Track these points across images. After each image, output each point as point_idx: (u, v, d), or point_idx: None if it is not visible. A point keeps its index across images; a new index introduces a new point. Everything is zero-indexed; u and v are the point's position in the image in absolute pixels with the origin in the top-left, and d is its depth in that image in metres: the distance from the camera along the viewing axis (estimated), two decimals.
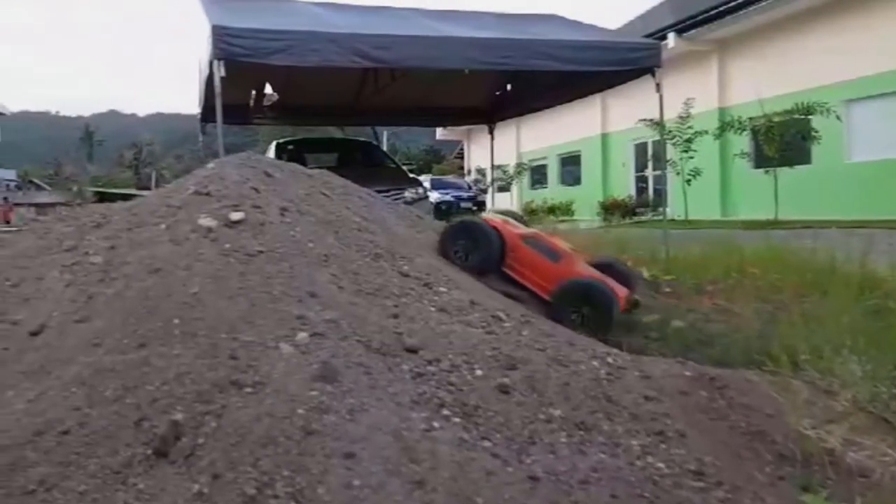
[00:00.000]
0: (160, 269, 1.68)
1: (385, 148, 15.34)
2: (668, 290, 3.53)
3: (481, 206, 16.91)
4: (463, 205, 16.32)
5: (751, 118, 12.19)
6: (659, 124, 9.26)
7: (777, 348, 2.10)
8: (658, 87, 8.58)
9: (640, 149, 16.71)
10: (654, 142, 14.79)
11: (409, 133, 35.92)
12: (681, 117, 11.78)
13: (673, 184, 11.45)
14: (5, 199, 37.12)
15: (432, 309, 1.92)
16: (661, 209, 13.09)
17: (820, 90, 11.00)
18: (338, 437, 1.26)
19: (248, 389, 1.37)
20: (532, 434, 1.42)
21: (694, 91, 12.53)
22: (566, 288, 2.97)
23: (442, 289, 2.13)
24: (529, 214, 16.39)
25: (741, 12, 13.04)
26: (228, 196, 2.09)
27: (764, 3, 12.32)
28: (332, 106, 10.55)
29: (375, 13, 9.99)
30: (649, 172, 16.34)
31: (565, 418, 1.50)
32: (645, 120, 11.18)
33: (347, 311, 1.74)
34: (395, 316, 1.81)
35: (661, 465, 1.38)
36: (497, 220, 3.53)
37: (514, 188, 20.26)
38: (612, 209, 15.03)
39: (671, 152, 11.13)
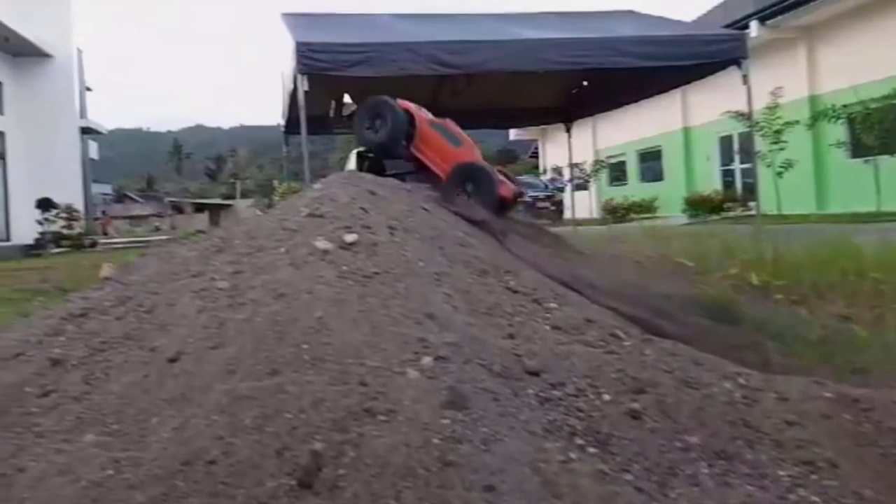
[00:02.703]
0: (284, 294, 1.72)
1: None
2: (779, 296, 3.36)
3: (559, 205, 16.73)
4: (540, 204, 16.20)
5: (845, 106, 11.56)
6: (746, 116, 8.90)
7: None
8: (745, 78, 8.25)
9: (725, 142, 16.13)
10: (740, 134, 14.24)
11: (481, 134, 35.92)
12: (769, 108, 11.28)
13: (763, 177, 11.02)
14: (103, 212, 39.54)
15: (547, 327, 1.89)
16: (750, 204, 12.58)
17: None
18: (475, 469, 1.24)
19: (382, 417, 1.37)
20: (672, 464, 1.37)
21: (780, 80, 11.99)
22: (456, 169, 3.47)
23: (552, 304, 2.09)
24: (610, 213, 16.09)
25: None
26: (340, 217, 2.12)
27: None
28: None
29: (449, 20, 10.06)
30: (736, 166, 15.74)
31: (703, 446, 1.44)
32: (730, 112, 10.77)
33: (465, 332, 1.73)
34: (512, 336, 1.79)
35: (815, 498, 1.30)
36: (411, 105, 3.96)
37: (592, 186, 19.91)
38: (698, 205, 14.54)
39: (759, 144, 10.67)
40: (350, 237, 1.99)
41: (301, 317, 1.67)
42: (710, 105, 14.08)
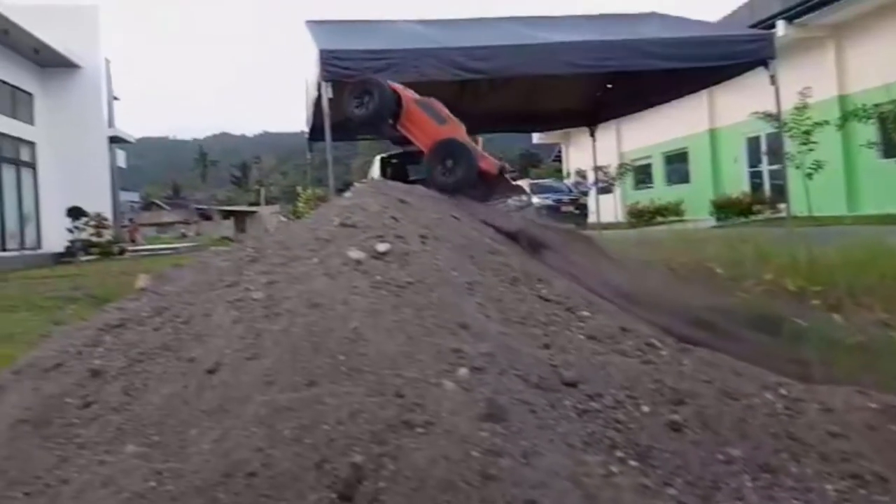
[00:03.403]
0: (319, 305, 1.73)
1: None
2: (816, 302, 3.29)
3: (583, 208, 16.63)
4: (564, 208, 16.11)
5: (876, 105, 11.36)
6: (774, 116, 8.78)
7: None
8: (773, 79, 8.14)
9: (753, 143, 15.93)
10: (767, 135, 14.04)
11: (503, 138, 35.92)
12: (797, 108, 11.12)
13: (792, 178, 10.84)
14: (131, 220, 40.23)
15: (582, 337, 1.87)
16: (779, 206, 12.39)
17: None
18: (516, 483, 1.23)
19: (420, 429, 1.37)
20: (715, 478, 1.34)
21: (809, 79, 11.82)
22: (435, 145, 3.62)
23: (585, 313, 2.07)
24: (636, 216, 15.95)
25: None
26: (372, 227, 2.13)
27: None
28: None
29: (471, 25, 10.07)
30: (764, 167, 15.52)
31: (746, 459, 1.41)
32: (758, 113, 10.64)
33: (500, 342, 1.72)
34: (547, 346, 1.77)
35: None
36: (398, 85, 4.07)
37: (617, 189, 19.78)
38: (725, 208, 14.36)
39: (788, 145, 10.52)
40: (382, 247, 1.99)
41: (336, 327, 1.67)
42: (736, 106, 13.92)
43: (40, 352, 1.95)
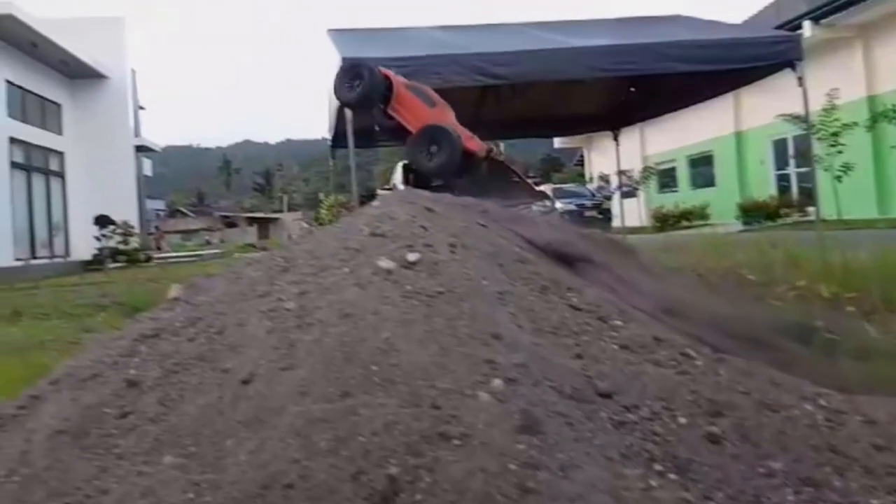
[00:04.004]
0: (351, 315, 1.73)
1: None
2: (851, 309, 3.23)
3: (606, 213, 16.51)
4: (587, 213, 16.02)
5: None
6: (801, 118, 8.66)
7: None
8: (800, 81, 8.02)
9: (780, 145, 15.72)
10: (794, 137, 13.85)
11: (525, 142, 35.88)
12: (825, 109, 10.96)
13: (820, 181, 10.68)
14: (157, 227, 40.79)
15: (615, 347, 1.85)
16: (808, 209, 12.20)
17: None
18: (554, 497, 1.22)
19: (456, 442, 1.36)
20: (756, 492, 1.32)
21: (836, 81, 11.66)
22: (420, 130, 3.79)
23: (617, 322, 2.05)
24: (660, 220, 15.78)
25: None
26: (401, 236, 2.13)
27: None
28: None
29: (492, 30, 10.08)
30: (791, 170, 15.30)
31: (788, 473, 1.38)
32: (785, 115, 10.51)
33: (533, 353, 1.71)
34: (580, 356, 1.76)
35: None
36: (389, 71, 4.27)
37: (641, 193, 19.63)
38: (752, 211, 14.17)
39: (816, 147, 10.36)
40: (412, 256, 2.00)
41: (368, 338, 1.67)
42: (762, 108, 13.76)
43: (77, 362, 1.98)
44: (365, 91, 4.04)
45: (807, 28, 13.35)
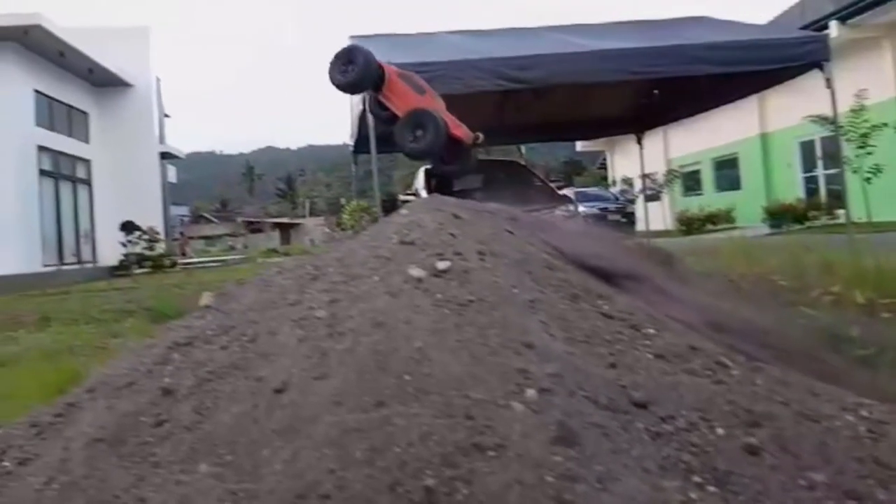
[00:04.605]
0: (383, 324, 1.73)
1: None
2: (886, 315, 3.16)
3: (630, 217, 16.38)
4: (610, 217, 15.90)
5: None
6: (829, 120, 8.52)
7: None
8: (828, 82, 7.91)
9: (807, 147, 15.48)
10: (822, 139, 13.64)
11: (546, 145, 35.76)
12: (853, 110, 10.78)
13: (849, 183, 10.51)
14: (181, 233, 41.31)
15: (649, 356, 1.83)
16: (836, 212, 12.00)
17: None
18: None
19: (491, 453, 1.35)
20: None
21: (864, 81, 11.47)
22: (406, 115, 3.96)
23: (651, 330, 2.03)
24: (685, 224, 15.61)
25: None
26: (431, 244, 2.13)
27: None
28: (475, 127, 10.70)
29: (512, 34, 10.06)
30: (819, 172, 15.06)
31: (830, 485, 1.36)
32: (812, 116, 10.35)
33: (566, 362, 1.69)
34: (614, 366, 1.74)
35: None
36: (382, 61, 4.39)
37: (665, 197, 19.45)
38: (779, 214, 13.95)
39: (845, 149, 10.19)
40: (442, 264, 1.99)
41: (401, 347, 1.67)
42: (788, 109, 13.58)
43: (111, 370, 2.00)
44: (357, 76, 4.34)
45: (833, 28, 13.16)
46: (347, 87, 4.33)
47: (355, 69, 4.20)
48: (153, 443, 1.60)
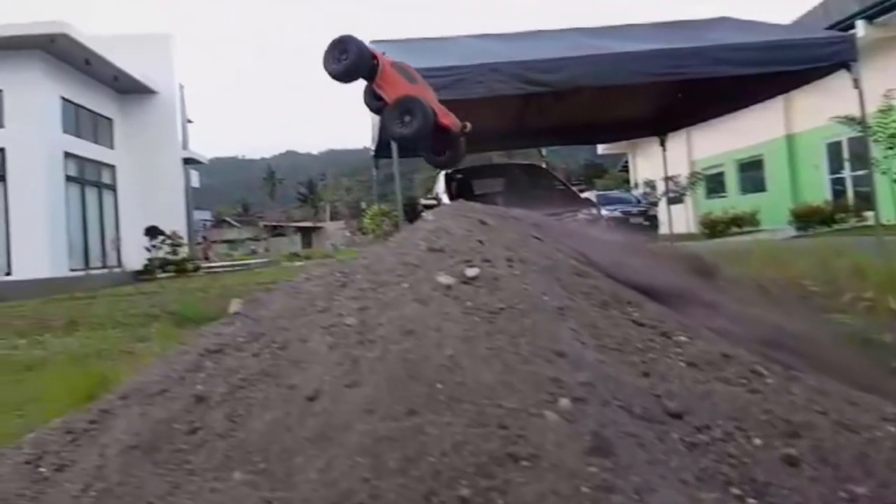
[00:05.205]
0: (413, 331, 1.73)
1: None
2: None
3: (653, 220, 16.23)
4: (633, 220, 15.78)
5: None
6: (857, 120, 8.38)
7: None
8: (856, 82, 7.78)
9: (834, 148, 15.24)
10: (849, 140, 13.42)
11: (567, 148, 35.62)
12: (881, 111, 10.61)
13: (878, 185, 10.31)
14: (204, 237, 41.75)
15: (682, 364, 1.80)
16: (864, 214, 11.80)
17: None
18: None
19: (525, 463, 1.35)
20: None
21: (893, 81, 11.26)
22: (395, 101, 4.15)
23: (682, 338, 2.00)
24: (709, 227, 15.43)
25: None
26: (459, 251, 2.12)
27: None
28: (496, 131, 10.67)
29: (534, 37, 10.03)
30: (847, 173, 14.82)
31: (872, 498, 1.33)
32: (839, 117, 10.20)
33: (598, 371, 1.68)
34: (646, 374, 1.72)
35: None
36: (377, 50, 4.57)
37: (688, 199, 19.27)
38: (806, 217, 13.73)
39: (873, 150, 10.03)
40: (471, 271, 1.99)
41: (431, 355, 1.67)
42: (814, 110, 13.39)
43: (144, 377, 2.02)
44: (351, 65, 4.45)
45: (860, 28, 12.96)
46: (341, 76, 4.51)
47: (349, 58, 4.39)
48: (187, 450, 1.61)
